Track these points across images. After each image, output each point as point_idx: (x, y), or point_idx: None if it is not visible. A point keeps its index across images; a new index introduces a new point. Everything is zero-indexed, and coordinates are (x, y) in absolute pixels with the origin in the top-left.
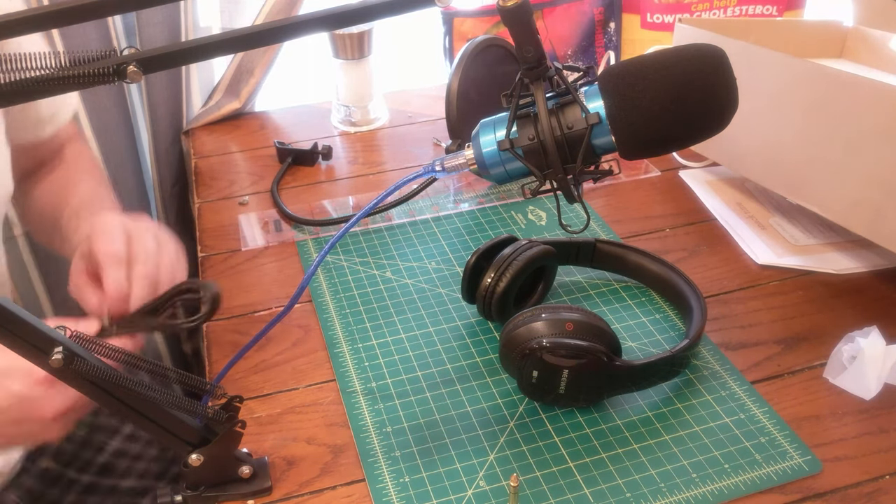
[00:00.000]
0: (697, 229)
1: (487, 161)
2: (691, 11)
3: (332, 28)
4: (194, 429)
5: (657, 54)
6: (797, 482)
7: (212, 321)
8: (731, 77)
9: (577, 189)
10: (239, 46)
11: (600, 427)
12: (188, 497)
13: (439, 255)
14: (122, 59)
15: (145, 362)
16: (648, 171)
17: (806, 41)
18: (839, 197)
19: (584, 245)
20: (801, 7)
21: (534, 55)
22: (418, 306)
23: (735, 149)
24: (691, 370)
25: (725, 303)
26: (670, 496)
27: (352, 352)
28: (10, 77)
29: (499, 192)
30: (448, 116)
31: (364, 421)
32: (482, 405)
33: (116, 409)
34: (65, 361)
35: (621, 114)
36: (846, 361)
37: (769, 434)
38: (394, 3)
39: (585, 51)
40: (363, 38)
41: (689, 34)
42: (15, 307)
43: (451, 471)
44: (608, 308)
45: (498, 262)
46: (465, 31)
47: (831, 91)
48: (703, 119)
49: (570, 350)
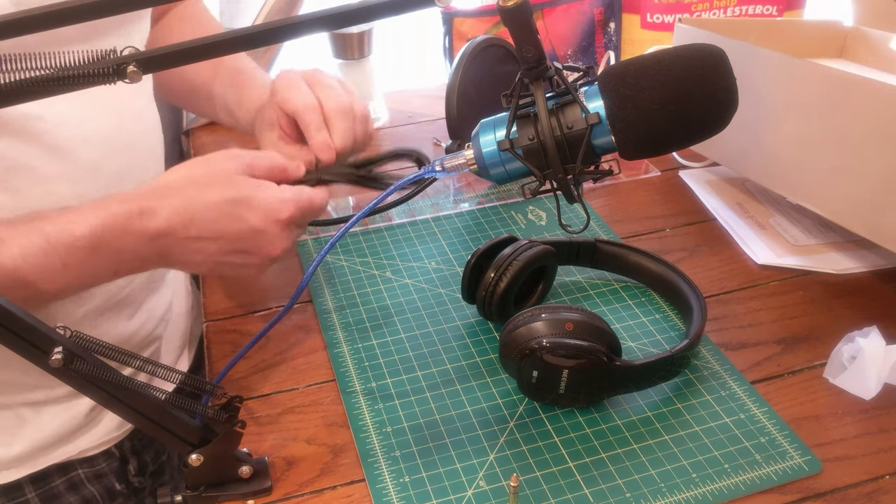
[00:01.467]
0: (697, 229)
1: (487, 161)
2: (691, 11)
3: (332, 28)
4: (194, 429)
5: (657, 54)
6: (797, 482)
7: (212, 321)
8: (731, 77)
9: (577, 189)
10: (239, 46)
11: (600, 427)
12: (188, 497)
13: (439, 255)
14: (121, 59)
15: (145, 362)
16: (648, 171)
17: (806, 41)
18: (839, 197)
19: (584, 245)
20: (801, 7)
21: (534, 55)
22: (418, 306)
23: (735, 149)
24: (691, 370)
25: (725, 303)
26: (670, 496)
27: (352, 352)
28: (10, 77)
29: (499, 192)
30: (448, 116)
31: (364, 421)
32: (482, 405)
33: (117, 408)
34: (65, 361)
35: (621, 114)
36: (846, 361)
37: (769, 434)
38: (394, 3)
39: (585, 51)
40: (363, 38)
41: (689, 34)
42: (15, 307)
43: (451, 471)
44: (608, 308)
45: (498, 262)
46: (465, 31)
47: (831, 91)
48: (702, 119)
49: (570, 350)
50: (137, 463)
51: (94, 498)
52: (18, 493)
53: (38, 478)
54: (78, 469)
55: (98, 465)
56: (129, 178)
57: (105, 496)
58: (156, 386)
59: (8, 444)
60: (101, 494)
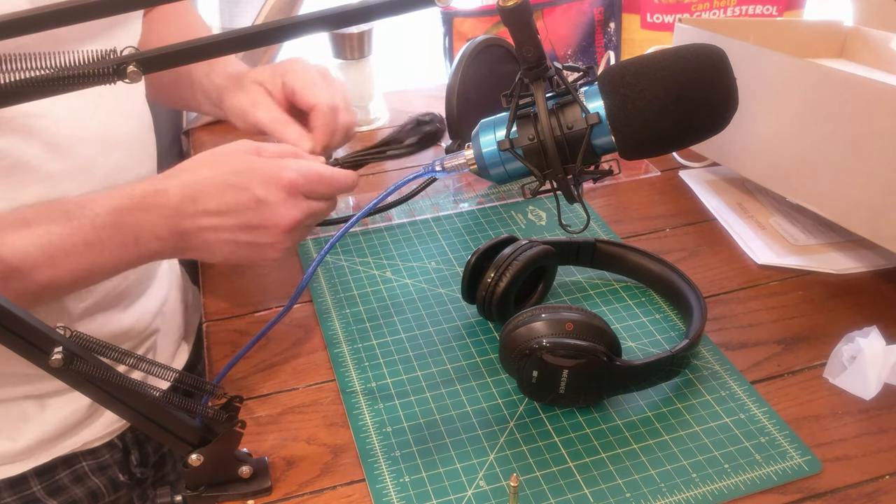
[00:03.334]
0: (697, 229)
1: (487, 161)
2: (691, 11)
3: (332, 28)
4: (194, 429)
5: (657, 54)
6: (797, 482)
7: (212, 321)
8: (731, 77)
9: (577, 189)
10: (239, 46)
11: (600, 427)
12: (188, 497)
13: (439, 255)
14: (121, 59)
15: (145, 362)
16: (648, 171)
17: (806, 41)
18: (839, 197)
19: (584, 245)
20: (801, 7)
21: (534, 55)
22: (418, 306)
23: (735, 149)
24: (691, 370)
25: (725, 303)
26: (670, 496)
27: (352, 352)
28: (10, 77)
29: (499, 192)
30: (448, 116)
31: (364, 421)
32: (482, 405)
33: (117, 408)
34: (65, 361)
35: (621, 114)
36: (846, 361)
37: (769, 434)
38: (394, 3)
39: (585, 51)
40: (363, 38)
41: (689, 34)
42: (15, 307)
43: (451, 471)
44: (608, 308)
45: (498, 262)
46: (465, 31)
47: (831, 91)
48: (703, 119)
49: (570, 350)
50: (139, 454)
51: (98, 489)
52: (24, 486)
53: (43, 471)
54: (82, 461)
55: (101, 457)
56: (123, 175)
57: (109, 487)
58: (153, 385)
59: (13, 438)
60: (105, 486)
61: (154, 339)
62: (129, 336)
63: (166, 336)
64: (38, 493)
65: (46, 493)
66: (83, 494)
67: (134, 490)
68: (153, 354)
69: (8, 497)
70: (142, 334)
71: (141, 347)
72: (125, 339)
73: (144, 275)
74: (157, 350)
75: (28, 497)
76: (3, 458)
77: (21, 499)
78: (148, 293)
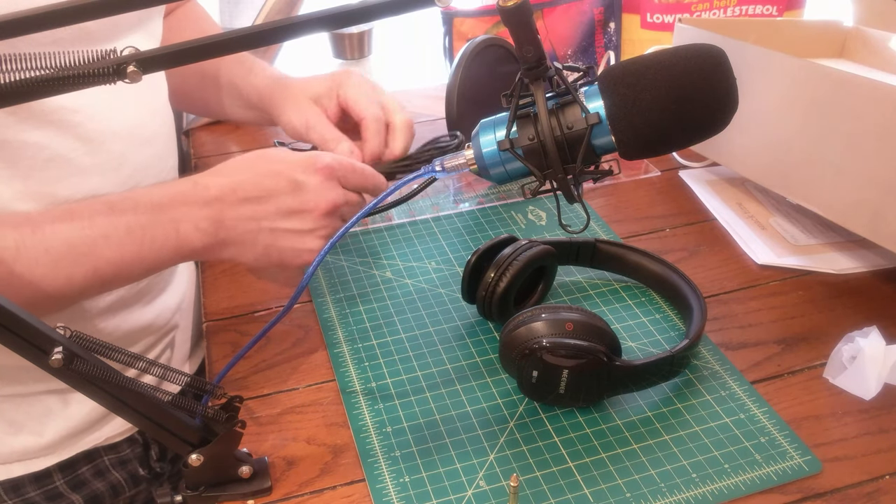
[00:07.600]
0: (697, 229)
1: (487, 161)
2: (691, 11)
3: (332, 28)
4: (194, 429)
5: (657, 54)
6: (797, 482)
7: (212, 321)
8: (731, 77)
9: (577, 189)
10: (239, 46)
11: (600, 427)
12: (188, 497)
13: (439, 255)
14: (121, 59)
15: (145, 362)
16: (648, 171)
17: (806, 41)
18: (839, 197)
19: (584, 245)
20: (801, 7)
21: (534, 55)
22: (418, 306)
23: (735, 149)
24: (691, 370)
25: (725, 303)
26: (670, 496)
27: (352, 352)
28: (10, 77)
29: (499, 192)
30: (448, 116)
31: (364, 421)
32: (482, 405)
33: (117, 408)
34: (65, 361)
35: (621, 114)
36: (846, 361)
37: (769, 434)
38: (394, 3)
39: (585, 51)
40: (363, 38)
41: (689, 34)
42: (15, 307)
43: (451, 471)
44: (608, 308)
45: (498, 262)
46: (465, 31)
47: (831, 91)
48: (703, 119)
49: (570, 350)
50: (159, 448)
51: (119, 484)
52: (48, 480)
53: (66, 465)
54: (103, 456)
55: (122, 452)
56: (149, 172)
57: (129, 482)
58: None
59: (38, 434)
60: (126, 480)
61: (173, 335)
62: (149, 331)
63: (185, 332)
64: (61, 487)
65: (69, 488)
66: (104, 488)
67: (153, 484)
68: (172, 350)
69: (32, 491)
70: (161, 329)
71: (160, 343)
72: (146, 335)
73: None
74: (176, 346)
75: (51, 492)
76: (29, 452)
77: (44, 493)
78: (168, 290)
